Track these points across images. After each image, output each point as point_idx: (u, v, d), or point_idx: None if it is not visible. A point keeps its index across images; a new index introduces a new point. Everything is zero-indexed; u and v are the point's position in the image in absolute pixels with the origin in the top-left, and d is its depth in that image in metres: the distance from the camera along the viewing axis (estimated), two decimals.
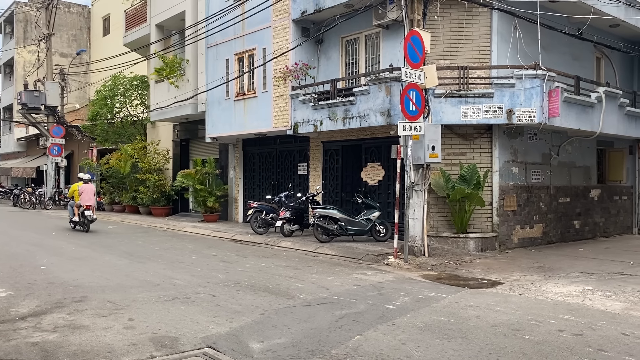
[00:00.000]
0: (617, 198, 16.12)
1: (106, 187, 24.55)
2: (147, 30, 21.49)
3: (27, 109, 27.84)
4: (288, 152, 17.09)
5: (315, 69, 14.66)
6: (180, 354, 5.08)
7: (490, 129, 12.19)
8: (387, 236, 12.84)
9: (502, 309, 6.88)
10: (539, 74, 11.30)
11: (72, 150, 31.95)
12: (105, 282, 8.37)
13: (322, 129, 13.49)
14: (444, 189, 11.71)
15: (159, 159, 22.31)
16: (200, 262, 10.46)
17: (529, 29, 12.03)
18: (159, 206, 21.46)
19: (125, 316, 6.32)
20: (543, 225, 13.38)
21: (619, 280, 8.81)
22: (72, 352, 5.06)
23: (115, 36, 29.70)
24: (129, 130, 24.86)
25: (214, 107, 17.53)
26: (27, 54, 36.53)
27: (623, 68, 16.13)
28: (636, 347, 5.38)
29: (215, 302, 7.10)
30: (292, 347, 5.30)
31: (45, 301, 7.04)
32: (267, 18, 15.15)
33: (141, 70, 24.05)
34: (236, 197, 18.98)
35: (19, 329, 5.78)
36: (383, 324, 6.14)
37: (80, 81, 32.94)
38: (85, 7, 38.09)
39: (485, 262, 10.76)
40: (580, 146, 14.59)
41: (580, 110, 12.51)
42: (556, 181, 13.86)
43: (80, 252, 11.56)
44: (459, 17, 12.10)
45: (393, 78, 11.56)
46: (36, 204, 27.16)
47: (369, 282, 8.61)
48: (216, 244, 13.48)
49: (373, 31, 13.51)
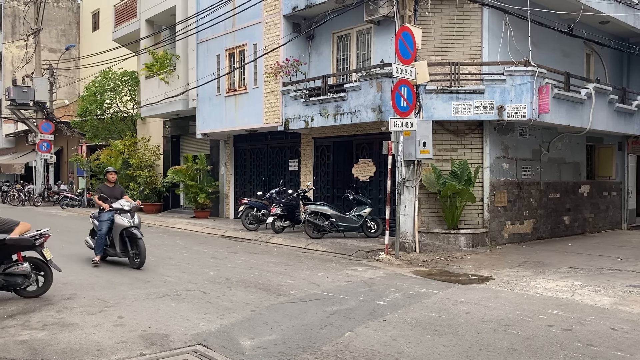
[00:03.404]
0: (606, 194, 16.23)
1: (96, 184, 24.35)
2: (137, 25, 21.31)
3: (15, 105, 27.58)
4: (279, 148, 17.05)
5: (307, 65, 14.61)
6: (170, 352, 5.05)
7: (481, 125, 12.22)
8: (378, 232, 12.85)
9: (492, 305, 6.91)
10: (530, 70, 11.34)
11: (61, 147, 31.69)
12: (94, 279, 8.31)
13: (313, 125, 13.46)
14: (435, 185, 11.73)
15: (149, 155, 22.17)
16: (191, 259, 10.42)
17: (519, 25, 12.06)
18: (149, 203, 21.33)
19: (115, 314, 6.28)
20: (533, 221, 13.45)
21: (608, 276, 8.88)
22: (60, 350, 5.02)
23: (104, 31, 29.47)
24: (119, 126, 24.68)
25: (205, 103, 17.45)
26: (15, 49, 36.13)
27: (613, 64, 16.23)
28: (624, 342, 5.42)
29: (206, 299, 7.07)
30: (283, 344, 5.29)
31: (33, 299, 6.97)
32: (258, 14, 15.08)
33: (131, 65, 23.86)
34: (227, 194, 18.92)
35: (7, 327, 5.73)
36: (374, 320, 6.14)
37: (70, 77, 32.65)
38: (74, 2, 37.73)
39: (476, 257, 10.80)
40: (570, 142, 14.67)
41: (570, 107, 12.57)
42: (546, 177, 13.93)
43: (69, 248, 11.47)
44: (450, 13, 12.11)
45: (384, 74, 11.55)
46: (25, 201, 26.93)
47: (360, 279, 8.62)
48: (207, 241, 13.43)
49: (364, 27, 13.49)
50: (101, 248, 9.52)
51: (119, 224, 9.36)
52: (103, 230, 9.47)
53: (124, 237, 9.34)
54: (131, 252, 9.28)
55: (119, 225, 9.36)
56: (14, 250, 6.98)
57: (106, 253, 9.64)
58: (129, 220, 9.34)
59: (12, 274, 6.85)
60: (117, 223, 9.39)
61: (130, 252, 9.28)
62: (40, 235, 7.08)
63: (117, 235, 9.37)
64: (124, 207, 9.51)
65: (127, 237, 9.28)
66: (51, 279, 7.15)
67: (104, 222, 9.53)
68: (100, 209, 9.85)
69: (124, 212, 9.46)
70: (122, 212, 9.45)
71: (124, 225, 9.32)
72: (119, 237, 9.35)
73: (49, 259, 7.07)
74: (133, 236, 9.24)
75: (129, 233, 9.28)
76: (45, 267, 7.09)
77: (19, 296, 7.01)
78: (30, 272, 6.92)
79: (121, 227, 9.34)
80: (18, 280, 6.88)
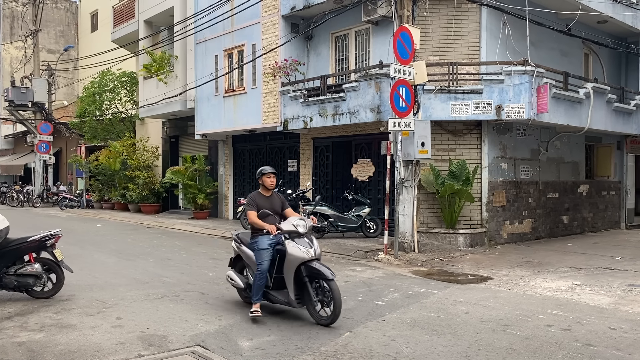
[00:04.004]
0: (605, 193, 16.24)
1: (95, 185, 24.35)
2: (136, 26, 21.29)
3: (14, 106, 27.54)
4: (278, 148, 17.04)
5: (305, 65, 14.61)
6: (168, 353, 5.04)
7: (479, 125, 12.22)
8: (377, 232, 12.85)
9: (491, 305, 6.91)
10: (528, 70, 11.35)
11: (60, 148, 31.65)
12: (93, 280, 8.30)
13: (312, 125, 13.46)
14: (433, 185, 11.73)
15: (148, 156, 22.15)
16: (190, 260, 10.41)
17: (517, 25, 12.07)
18: (148, 203, 21.32)
19: (113, 315, 6.27)
20: (532, 220, 13.45)
21: (607, 275, 8.88)
22: (58, 352, 5.01)
23: (103, 32, 29.43)
24: (117, 127, 24.67)
25: (203, 103, 17.44)
26: (13, 50, 36.11)
27: (611, 64, 16.24)
28: (623, 342, 5.42)
29: (205, 300, 7.06)
30: (281, 345, 5.28)
31: (31, 300, 6.97)
32: (257, 14, 15.07)
33: (130, 66, 23.84)
34: (226, 194, 18.91)
35: (4, 329, 5.72)
36: (373, 320, 6.14)
37: (68, 78, 32.61)
38: (72, 2, 37.70)
39: (475, 257, 10.80)
40: (569, 142, 14.67)
41: (568, 106, 12.57)
42: (545, 177, 13.94)
43: (68, 250, 11.43)
44: (448, 13, 12.11)
45: (383, 74, 11.55)
46: (24, 202, 26.89)
47: (359, 279, 8.61)
48: (206, 241, 13.42)
49: (363, 27, 13.49)
50: (262, 292, 6.22)
51: (294, 255, 6.00)
52: (264, 265, 6.18)
53: (301, 276, 6.02)
54: (315, 299, 6.00)
55: (294, 257, 6.00)
56: (26, 251, 7.01)
57: (267, 297, 6.36)
58: (308, 250, 6.01)
59: (23, 274, 6.91)
60: (292, 255, 6.02)
61: (314, 298, 6.01)
62: (51, 236, 7.10)
63: (290, 274, 6.04)
64: (298, 228, 6.16)
65: (308, 275, 5.99)
66: (63, 280, 7.17)
67: (264, 252, 6.21)
68: (253, 230, 6.51)
69: (297, 235, 6.15)
70: (296, 237, 6.15)
71: (301, 257, 5.97)
72: (293, 275, 6.03)
73: (60, 259, 7.10)
74: (319, 275, 5.94)
75: (311, 270, 5.97)
76: (57, 268, 7.12)
77: (30, 297, 7.03)
78: (41, 272, 6.96)
79: (298, 260, 5.99)
80: (29, 281, 6.92)
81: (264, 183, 6.78)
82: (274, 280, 6.29)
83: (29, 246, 6.99)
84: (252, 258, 6.42)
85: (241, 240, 6.78)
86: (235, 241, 6.90)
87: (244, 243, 6.68)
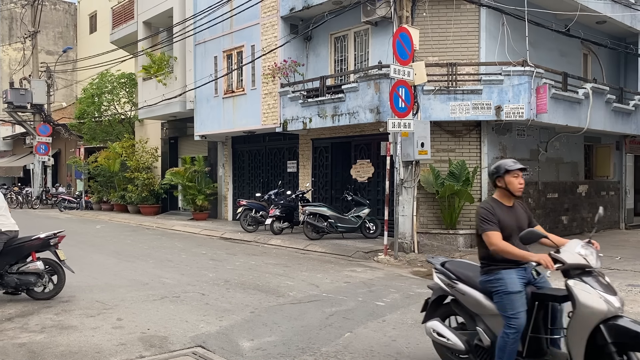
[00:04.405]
0: (604, 193, 16.25)
1: (94, 186, 24.34)
2: (135, 27, 21.29)
3: (13, 107, 27.52)
4: (277, 149, 17.05)
5: (304, 66, 14.62)
6: (169, 354, 5.04)
7: (479, 126, 12.23)
8: (376, 233, 12.85)
9: None
10: (527, 70, 11.36)
11: (59, 149, 31.63)
12: (93, 281, 8.30)
13: (312, 126, 13.46)
14: (433, 185, 11.74)
15: (147, 157, 22.14)
16: (190, 261, 10.41)
17: (516, 25, 12.08)
18: (147, 205, 21.31)
19: (113, 316, 6.27)
20: None
21: (607, 275, 8.86)
22: (59, 353, 5.01)
23: (102, 33, 29.43)
24: (116, 128, 24.67)
25: (203, 104, 17.44)
26: (12, 51, 36.09)
27: (610, 64, 16.26)
28: None
29: (205, 301, 7.06)
30: (282, 345, 5.28)
31: (32, 301, 6.96)
32: (256, 15, 15.08)
33: (129, 67, 23.83)
34: (225, 195, 18.91)
35: (5, 330, 5.71)
36: (373, 321, 6.14)
37: (67, 79, 32.61)
38: (71, 4, 37.71)
39: (475, 258, 10.79)
40: (568, 142, 14.69)
41: (567, 107, 12.59)
42: (544, 177, 13.95)
43: (68, 251, 11.42)
44: (447, 13, 12.13)
45: (382, 75, 11.55)
46: (23, 204, 26.89)
47: (359, 279, 8.61)
48: (206, 242, 13.41)
49: (362, 28, 13.50)
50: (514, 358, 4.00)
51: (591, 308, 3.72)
52: (521, 319, 3.98)
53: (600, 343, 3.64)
54: None
55: (591, 311, 3.71)
56: (29, 250, 7.04)
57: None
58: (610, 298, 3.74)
59: (25, 272, 6.93)
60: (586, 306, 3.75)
61: None
62: (54, 235, 7.11)
63: (582, 338, 3.70)
64: (588, 259, 3.95)
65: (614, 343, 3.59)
66: (64, 281, 7.17)
67: (517, 298, 4.04)
68: (488, 259, 4.27)
69: (582, 272, 3.95)
70: (581, 274, 3.95)
71: (603, 311, 3.68)
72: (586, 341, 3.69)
73: (63, 259, 7.10)
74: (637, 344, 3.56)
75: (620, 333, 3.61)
76: (59, 268, 7.14)
77: (31, 298, 7.04)
78: (43, 270, 6.98)
79: (597, 316, 3.68)
80: (31, 279, 6.93)
81: (507, 186, 4.22)
82: (528, 342, 4.04)
83: (33, 244, 7.02)
84: (485, 306, 4.19)
85: (455, 273, 4.45)
86: (440, 273, 4.53)
87: (464, 279, 4.38)
